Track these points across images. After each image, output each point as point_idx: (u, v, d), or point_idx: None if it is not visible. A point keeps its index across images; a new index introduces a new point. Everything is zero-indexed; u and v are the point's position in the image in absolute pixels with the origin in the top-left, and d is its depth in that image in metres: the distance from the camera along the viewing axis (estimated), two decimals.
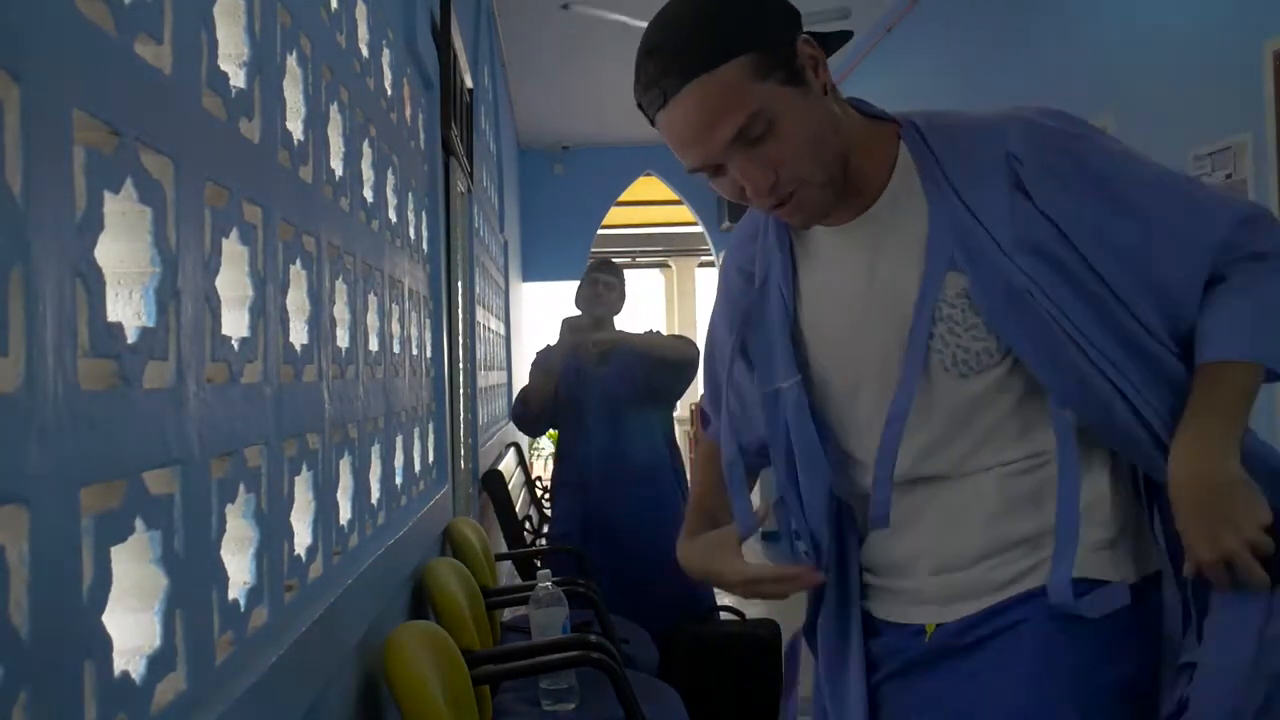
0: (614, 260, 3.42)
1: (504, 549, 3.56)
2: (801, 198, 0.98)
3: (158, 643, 0.76)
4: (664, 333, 3.41)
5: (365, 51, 1.66)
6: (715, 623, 2.96)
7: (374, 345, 1.62)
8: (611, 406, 3.08)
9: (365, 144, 1.60)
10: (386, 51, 1.85)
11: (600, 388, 3.10)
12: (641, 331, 3.26)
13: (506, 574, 3.80)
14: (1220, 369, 0.96)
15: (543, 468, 10.88)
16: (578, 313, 3.29)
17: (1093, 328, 0.96)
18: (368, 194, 1.62)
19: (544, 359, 3.26)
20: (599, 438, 3.08)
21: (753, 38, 0.92)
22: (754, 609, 2.91)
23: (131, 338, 0.73)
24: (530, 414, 3.24)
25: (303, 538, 1.18)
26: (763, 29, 0.94)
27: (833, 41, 1.02)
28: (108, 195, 0.70)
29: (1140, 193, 0.99)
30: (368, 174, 1.63)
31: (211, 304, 0.88)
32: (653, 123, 0.98)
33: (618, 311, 3.26)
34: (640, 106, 0.98)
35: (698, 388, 1.49)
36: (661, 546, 2.96)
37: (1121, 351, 0.96)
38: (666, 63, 0.93)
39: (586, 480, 3.08)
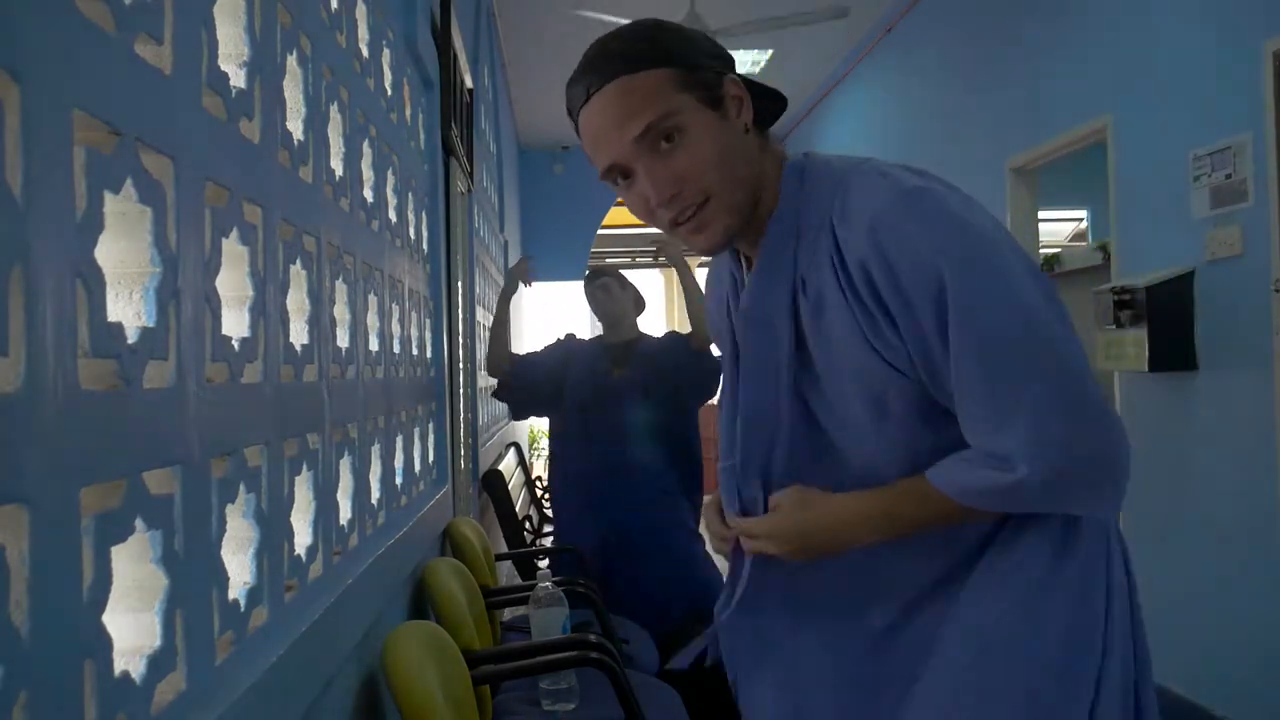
0: (608, 268, 3.30)
1: (504, 549, 3.56)
2: (704, 216, 0.99)
3: (158, 643, 0.76)
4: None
5: (365, 51, 1.66)
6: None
7: (374, 345, 1.62)
8: (628, 410, 3.04)
9: (365, 144, 1.60)
10: (386, 51, 1.85)
11: (618, 391, 3.07)
12: (663, 333, 3.21)
13: (506, 574, 3.80)
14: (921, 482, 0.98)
15: (543, 468, 10.89)
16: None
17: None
18: (368, 194, 1.62)
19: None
20: (613, 444, 3.03)
21: (680, 57, 0.97)
22: None
23: (132, 338, 0.73)
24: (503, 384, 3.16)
25: (303, 538, 1.18)
26: (692, 55, 0.98)
27: (768, 103, 1.06)
28: (108, 195, 0.70)
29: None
30: (368, 174, 1.63)
31: (211, 304, 0.88)
32: (576, 127, 1.02)
33: (637, 312, 3.19)
34: (569, 111, 1.02)
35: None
36: (672, 552, 2.95)
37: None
38: (596, 63, 0.98)
39: (599, 490, 3.04)
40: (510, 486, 3.74)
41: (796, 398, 1.05)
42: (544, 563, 3.50)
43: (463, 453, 3.08)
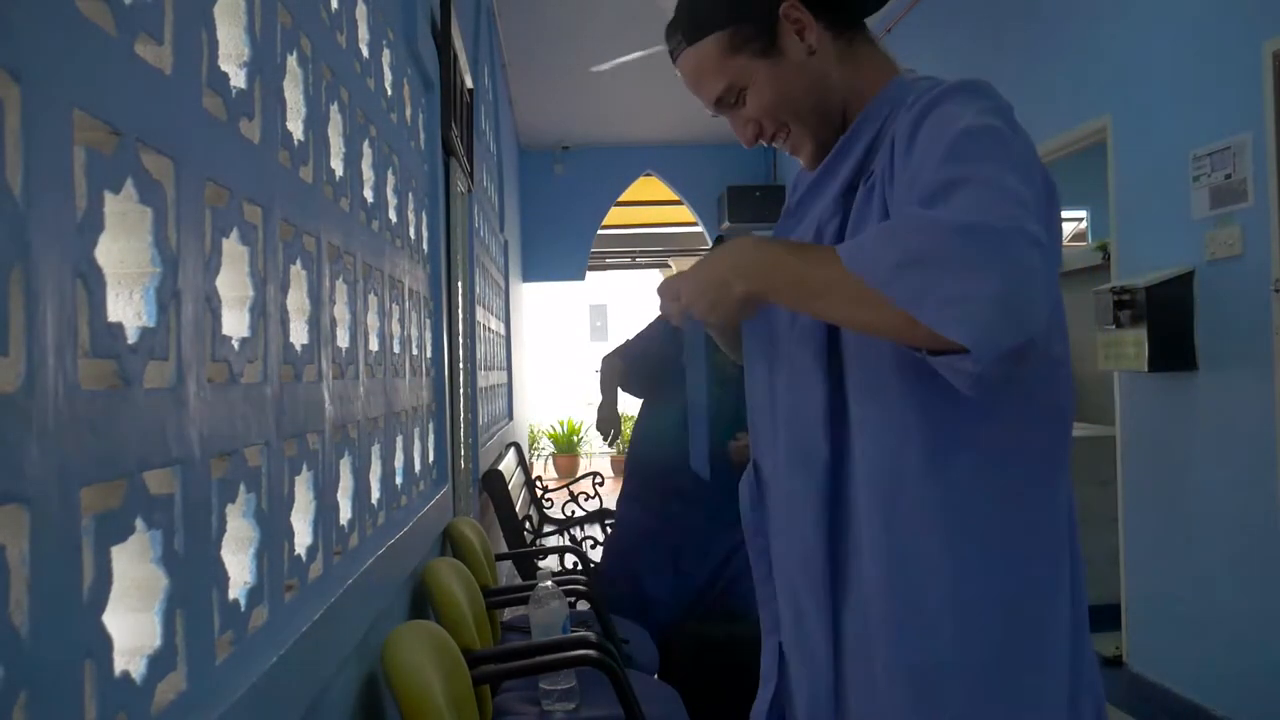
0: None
1: (504, 549, 3.56)
2: (792, 142, 1.10)
3: (158, 642, 0.76)
4: None
5: (365, 52, 1.66)
6: (715, 623, 2.96)
7: (374, 345, 1.62)
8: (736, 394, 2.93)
9: (365, 144, 1.61)
10: (386, 51, 1.85)
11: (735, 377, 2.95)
12: None
13: (506, 574, 3.80)
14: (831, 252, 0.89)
15: (542, 468, 10.91)
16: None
17: None
18: (368, 194, 1.62)
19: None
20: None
21: (729, 13, 1.04)
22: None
23: (132, 338, 0.73)
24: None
25: (303, 537, 1.18)
26: (741, 3, 1.04)
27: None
28: (108, 195, 0.70)
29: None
30: (368, 174, 1.63)
31: (212, 304, 0.88)
32: None
33: None
34: None
35: None
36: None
37: None
38: (671, 30, 1.10)
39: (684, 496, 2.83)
40: (510, 486, 3.74)
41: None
42: (544, 561, 3.49)
43: (463, 453, 3.08)
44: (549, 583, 2.09)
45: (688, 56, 1.08)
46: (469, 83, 3.59)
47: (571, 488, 5.51)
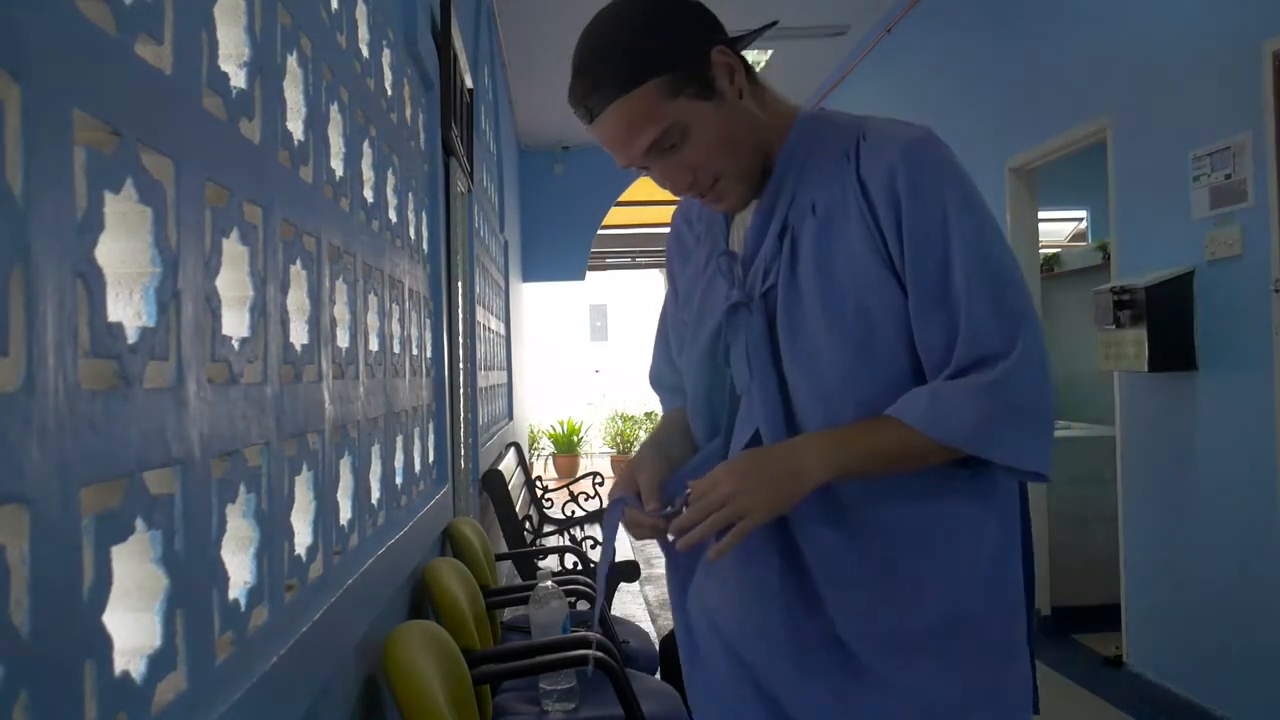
0: None
1: (504, 549, 3.56)
2: (720, 190, 1.10)
3: (158, 642, 0.76)
4: None
5: (365, 52, 1.66)
6: None
7: (374, 345, 1.62)
8: None
9: (365, 144, 1.61)
10: (386, 51, 1.85)
11: None
12: None
13: (506, 574, 3.80)
14: (883, 420, 1.03)
15: (542, 468, 10.91)
16: None
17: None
18: (368, 194, 1.62)
19: None
20: None
21: (666, 59, 1.02)
22: None
23: (132, 338, 0.73)
24: None
25: (303, 537, 1.18)
26: (676, 49, 1.02)
27: (752, 38, 1.12)
28: (108, 195, 0.70)
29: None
30: (368, 174, 1.63)
31: (212, 304, 0.88)
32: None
33: None
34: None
35: None
36: None
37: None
38: (589, 85, 1.03)
39: None
40: (510, 486, 3.74)
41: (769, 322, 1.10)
42: (544, 561, 3.49)
43: (463, 453, 3.08)
44: (549, 583, 2.09)
45: (619, 107, 1.02)
46: (469, 83, 3.59)
47: (571, 488, 5.51)
